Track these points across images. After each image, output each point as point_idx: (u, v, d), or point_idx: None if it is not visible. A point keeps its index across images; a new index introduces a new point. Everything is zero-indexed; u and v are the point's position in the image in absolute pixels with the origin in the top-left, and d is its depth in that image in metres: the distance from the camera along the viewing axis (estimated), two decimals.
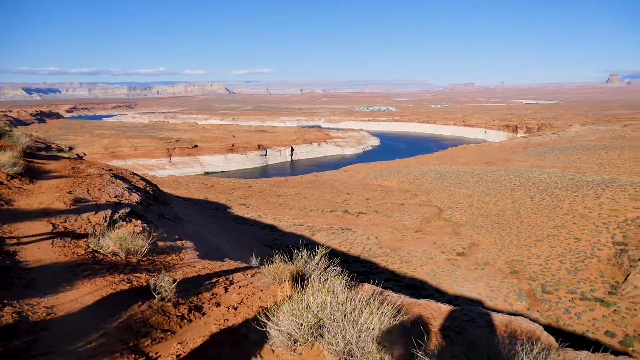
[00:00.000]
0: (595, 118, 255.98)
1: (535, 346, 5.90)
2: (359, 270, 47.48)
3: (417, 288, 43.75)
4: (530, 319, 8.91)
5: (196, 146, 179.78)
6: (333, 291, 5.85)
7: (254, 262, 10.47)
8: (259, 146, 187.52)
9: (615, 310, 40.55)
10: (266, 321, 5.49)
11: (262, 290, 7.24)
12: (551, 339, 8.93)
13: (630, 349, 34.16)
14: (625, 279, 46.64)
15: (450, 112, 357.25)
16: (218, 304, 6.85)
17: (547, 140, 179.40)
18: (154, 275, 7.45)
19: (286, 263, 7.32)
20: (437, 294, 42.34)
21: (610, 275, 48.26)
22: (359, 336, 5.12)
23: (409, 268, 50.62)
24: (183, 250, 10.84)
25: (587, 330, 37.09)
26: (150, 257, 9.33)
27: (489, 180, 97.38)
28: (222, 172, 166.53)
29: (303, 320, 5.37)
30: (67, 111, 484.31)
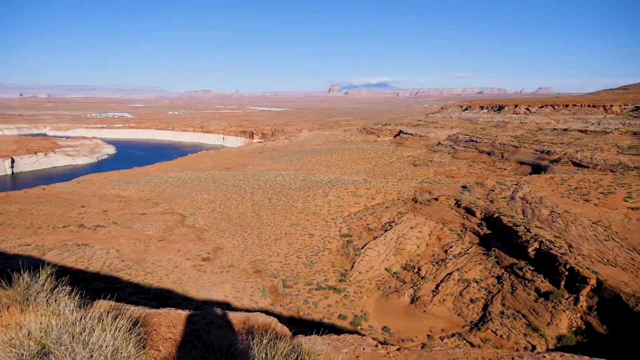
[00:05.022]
0: (321, 124, 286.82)
1: (264, 337, 6.28)
2: (100, 287, 44.71)
3: (165, 298, 42.43)
4: (272, 314, 9.19)
5: None
6: (60, 313, 5.61)
7: None
8: None
9: (345, 295, 45.71)
10: None
11: None
12: (285, 329, 9.51)
13: (359, 327, 38.75)
14: (352, 266, 52.96)
15: (188, 119, 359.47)
16: None
17: (281, 145, 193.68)
18: None
19: (4, 289, 6.74)
20: (185, 302, 41.75)
21: (340, 265, 54.15)
22: (92, 356, 4.93)
23: (154, 279, 48.90)
24: None
25: (324, 317, 40.81)
26: None
27: (230, 184, 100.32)
28: None
29: (24, 349, 4.79)
30: None
